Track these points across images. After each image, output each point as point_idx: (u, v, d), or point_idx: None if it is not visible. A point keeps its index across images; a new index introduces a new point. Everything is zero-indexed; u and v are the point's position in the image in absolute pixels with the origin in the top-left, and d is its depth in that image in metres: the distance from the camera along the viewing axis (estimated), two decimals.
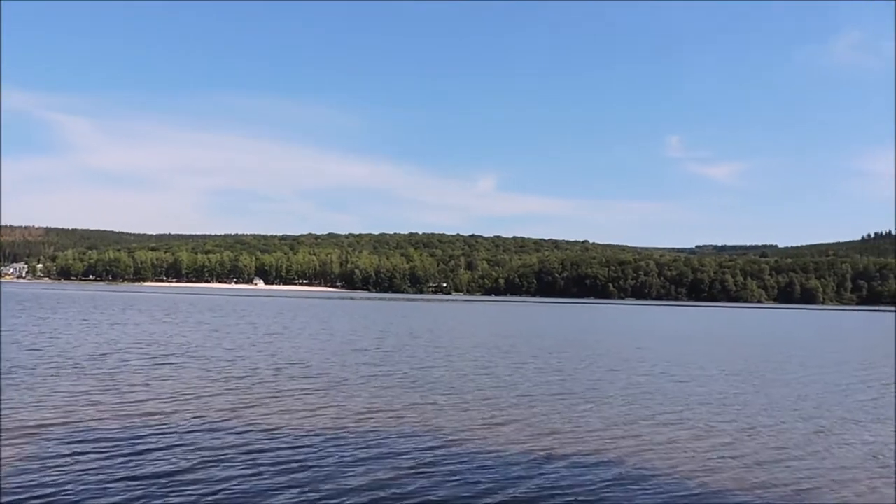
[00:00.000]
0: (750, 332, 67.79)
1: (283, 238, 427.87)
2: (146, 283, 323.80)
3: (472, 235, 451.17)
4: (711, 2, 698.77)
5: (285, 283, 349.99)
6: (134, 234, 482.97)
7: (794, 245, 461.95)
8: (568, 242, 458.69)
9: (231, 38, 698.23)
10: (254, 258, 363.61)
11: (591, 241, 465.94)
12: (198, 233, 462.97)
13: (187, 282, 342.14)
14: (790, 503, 11.00)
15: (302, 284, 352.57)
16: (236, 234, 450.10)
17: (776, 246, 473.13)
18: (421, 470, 12.35)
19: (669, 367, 31.34)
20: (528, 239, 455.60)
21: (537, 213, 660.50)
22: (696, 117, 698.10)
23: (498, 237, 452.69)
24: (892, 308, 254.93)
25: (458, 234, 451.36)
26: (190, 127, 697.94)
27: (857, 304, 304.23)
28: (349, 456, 13.21)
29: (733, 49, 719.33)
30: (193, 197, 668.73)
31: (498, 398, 20.59)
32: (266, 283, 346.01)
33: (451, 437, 15.03)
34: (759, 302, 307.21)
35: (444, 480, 11.76)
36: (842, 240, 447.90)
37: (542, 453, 13.84)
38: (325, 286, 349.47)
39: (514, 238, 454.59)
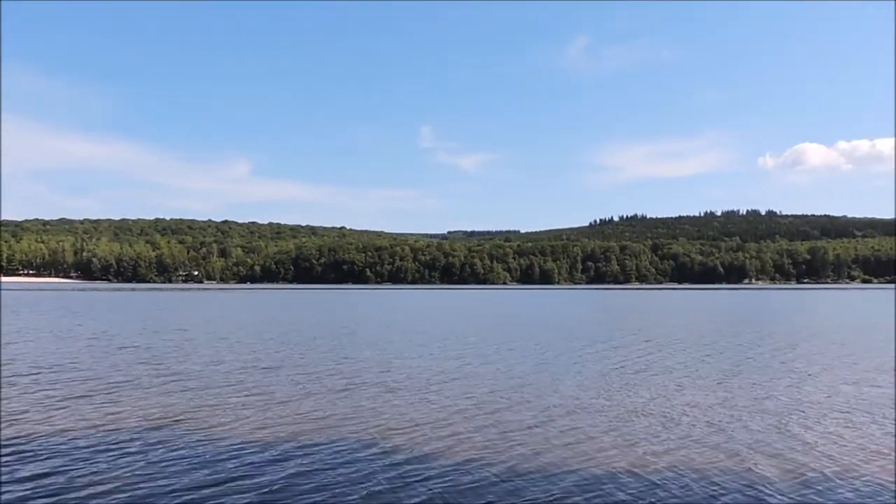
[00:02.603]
0: (509, 311, 72.30)
1: (4, 224, 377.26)
2: None
3: (225, 221, 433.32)
4: (454, 1, 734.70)
5: (6, 275, 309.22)
6: None
7: (534, 230, 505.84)
8: (325, 228, 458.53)
9: None
10: None
11: (348, 228, 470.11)
12: None
13: None
14: (604, 475, 11.60)
15: (28, 275, 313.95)
16: None
17: (518, 231, 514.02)
18: (231, 484, 11.20)
19: (457, 350, 32.13)
20: (285, 225, 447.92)
21: (294, 200, 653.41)
22: (446, 109, 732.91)
23: (253, 223, 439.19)
24: (616, 286, 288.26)
25: (209, 221, 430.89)
26: None
27: (587, 283, 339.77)
28: (150, 473, 11.63)
29: (479, 44, 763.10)
30: None
31: (297, 394, 19.60)
32: None
33: (260, 442, 13.86)
34: (505, 283, 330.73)
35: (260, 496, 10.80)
36: (573, 226, 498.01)
37: (366, 452, 13.27)
38: (57, 277, 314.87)
39: (270, 224, 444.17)
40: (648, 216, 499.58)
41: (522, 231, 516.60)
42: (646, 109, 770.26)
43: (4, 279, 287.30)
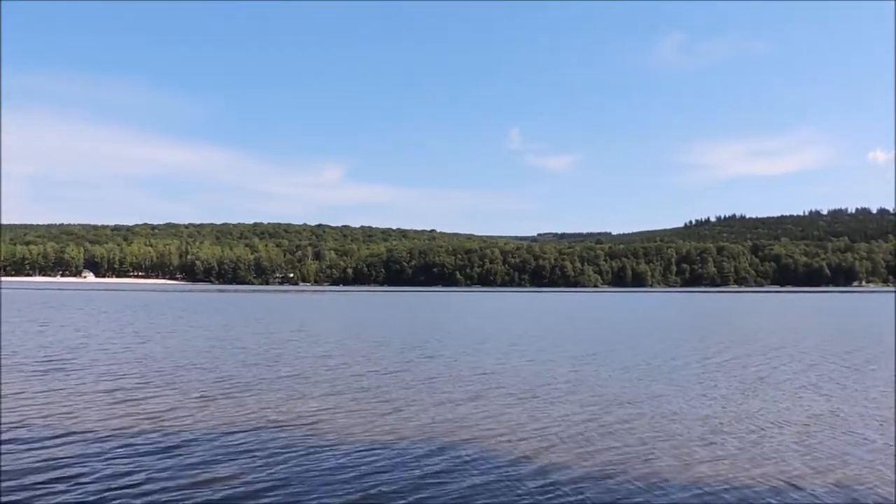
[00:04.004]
0: (605, 315, 71.01)
1: (116, 228, 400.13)
2: None
3: (320, 225, 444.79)
4: (542, 2, 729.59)
5: (119, 276, 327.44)
6: None
7: (626, 232, 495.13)
8: (415, 231, 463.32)
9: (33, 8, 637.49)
10: (82, 249, 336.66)
11: (438, 230, 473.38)
12: (15, 222, 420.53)
13: (5, 275, 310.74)
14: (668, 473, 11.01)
15: (137, 277, 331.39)
16: (62, 224, 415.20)
17: (610, 233, 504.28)
18: (371, 491, 11.26)
19: (567, 356, 31.69)
20: (376, 228, 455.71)
21: (385, 203, 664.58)
22: (535, 110, 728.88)
23: (346, 227, 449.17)
24: (713, 289, 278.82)
25: (304, 224, 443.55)
26: None
27: (682, 285, 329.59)
28: (285, 477, 11.79)
29: (566, 43, 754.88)
30: (5, 184, 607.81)
31: (421, 399, 19.64)
32: (97, 275, 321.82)
33: (394, 448, 13.90)
34: (596, 286, 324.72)
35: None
36: (667, 227, 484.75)
37: (506, 459, 13.06)
38: (164, 278, 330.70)
39: (362, 227, 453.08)
40: (747, 216, 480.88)
41: (614, 233, 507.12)
42: (740, 106, 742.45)
43: (118, 280, 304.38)
